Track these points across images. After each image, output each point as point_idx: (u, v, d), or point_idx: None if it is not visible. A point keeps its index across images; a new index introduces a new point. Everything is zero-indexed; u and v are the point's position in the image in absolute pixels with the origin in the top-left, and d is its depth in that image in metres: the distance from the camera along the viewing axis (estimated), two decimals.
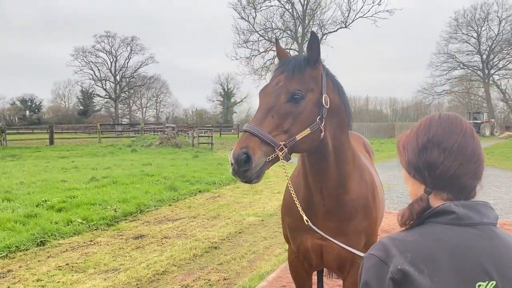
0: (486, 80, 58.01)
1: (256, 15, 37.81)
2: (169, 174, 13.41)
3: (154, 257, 6.06)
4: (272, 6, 37.81)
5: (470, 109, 55.99)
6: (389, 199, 10.75)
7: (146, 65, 73.25)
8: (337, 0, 68.56)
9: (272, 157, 2.05)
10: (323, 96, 2.22)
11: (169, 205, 9.61)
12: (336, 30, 36.91)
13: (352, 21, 36.05)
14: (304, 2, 37.48)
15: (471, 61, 59.01)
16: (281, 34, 38.56)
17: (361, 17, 35.38)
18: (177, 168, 15.69)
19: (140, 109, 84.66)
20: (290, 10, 37.63)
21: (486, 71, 58.03)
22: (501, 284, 1.09)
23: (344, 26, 36.10)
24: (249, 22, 38.14)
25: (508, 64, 58.05)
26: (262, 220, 8.26)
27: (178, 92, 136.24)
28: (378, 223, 2.76)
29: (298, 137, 2.12)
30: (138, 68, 73.94)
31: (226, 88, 77.36)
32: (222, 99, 78.19)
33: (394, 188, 12.47)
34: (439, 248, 1.12)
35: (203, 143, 29.07)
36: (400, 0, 71.36)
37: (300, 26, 37.70)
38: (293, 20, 37.86)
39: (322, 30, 36.98)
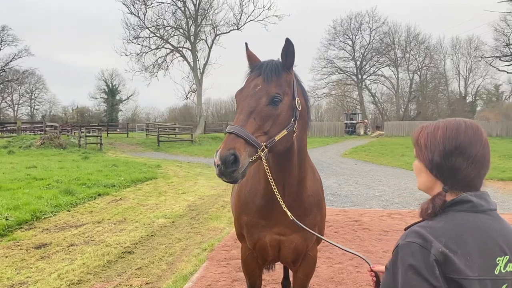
0: (360, 85, 64.00)
1: (146, 11, 36.71)
2: (61, 178, 12.43)
3: (65, 266, 5.65)
4: (163, 3, 37.03)
5: (347, 110, 61.25)
6: None
7: (19, 58, 65.97)
8: (229, 2, 69.74)
9: (254, 157, 2.13)
10: (296, 99, 2.37)
11: (68, 211, 8.96)
12: (229, 32, 37.59)
13: (244, 24, 37.10)
14: (196, 2, 37.36)
15: (347, 66, 64.56)
16: (173, 32, 37.99)
17: (252, 20, 36.61)
18: (67, 170, 14.60)
19: (11, 106, 76.10)
20: (183, 9, 37.22)
21: (360, 76, 64.01)
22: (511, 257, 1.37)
23: (236, 28, 36.93)
24: (140, 18, 36.88)
25: (377, 70, 64.85)
26: (173, 222, 8.17)
27: (56, 88, 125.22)
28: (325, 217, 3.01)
29: (277, 138, 2.24)
30: (10, 61, 66.35)
31: (110, 84, 73.34)
32: (106, 96, 73.92)
33: None
34: (464, 232, 1.33)
35: (91, 143, 27.35)
36: (289, 7, 74.73)
37: (192, 25, 37.51)
38: (185, 19, 37.49)
39: (215, 31, 37.35)
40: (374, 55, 63.43)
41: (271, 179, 2.37)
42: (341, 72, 64.19)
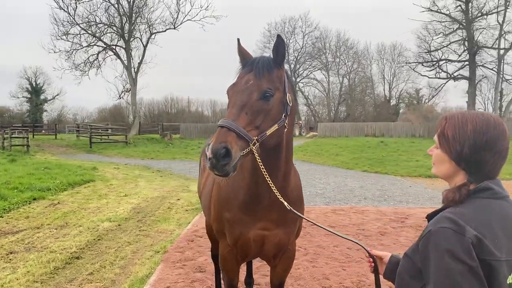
0: (294, 87, 65.74)
1: (77, 7, 34.86)
2: None
3: (7, 275, 5.27)
4: None
5: None
6: None
7: None
8: (166, 1, 68.08)
9: (246, 151, 2.15)
10: (287, 95, 2.42)
11: (1, 217, 8.33)
12: (165, 31, 36.75)
13: (181, 23, 36.51)
14: None
15: None
16: (106, 30, 36.44)
17: (189, 20, 36.12)
18: None
19: None
20: (116, 6, 35.83)
21: (294, 79, 65.72)
22: None
23: (173, 27, 36.26)
24: (69, 14, 34.94)
25: (310, 74, 66.95)
26: (119, 225, 7.90)
27: None
28: None
29: (268, 132, 2.27)
30: None
31: (34, 83, 68.71)
32: (29, 95, 69.15)
33: None
34: (489, 217, 1.42)
35: (16, 145, 25.48)
36: (226, 8, 74.44)
37: (127, 23, 36.27)
38: (119, 16, 36.12)
39: (151, 29, 36.37)
40: (307, 58, 65.40)
41: (265, 172, 2.38)
42: None
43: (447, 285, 1.34)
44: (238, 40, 2.54)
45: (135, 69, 37.56)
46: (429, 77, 46.95)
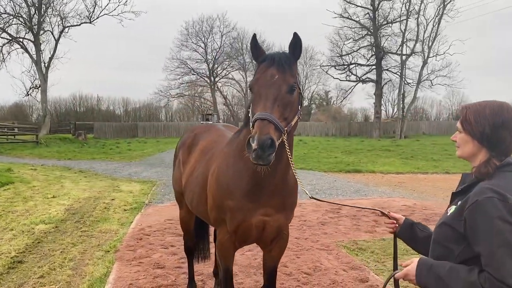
0: (213, 86, 65.72)
1: None
2: None
3: None
4: None
5: (203, 111, 62.32)
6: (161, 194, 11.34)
7: None
8: None
9: (279, 141, 2.31)
10: (300, 88, 2.62)
11: None
12: (80, 24, 34.64)
13: (98, 18, 34.67)
14: None
15: (200, 68, 65.48)
16: (12, 21, 33.37)
17: (107, 14, 34.45)
18: None
19: None
20: None
21: (212, 79, 65.70)
22: None
23: (89, 21, 34.30)
24: None
25: (228, 74, 67.44)
26: (57, 227, 7.51)
27: None
28: None
29: (292, 123, 2.48)
30: None
31: None
32: None
33: (166, 183, 13.19)
34: None
35: None
36: (146, 3, 71.50)
37: (36, 15, 33.58)
38: (27, 7, 33.33)
39: (64, 23, 33.97)
40: (226, 58, 65.72)
41: (292, 160, 2.56)
42: (194, 73, 64.87)
43: (499, 242, 1.63)
44: (254, 35, 2.68)
45: (46, 64, 34.95)
46: (340, 80, 49.82)
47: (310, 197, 2.65)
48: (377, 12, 43.54)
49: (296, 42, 2.59)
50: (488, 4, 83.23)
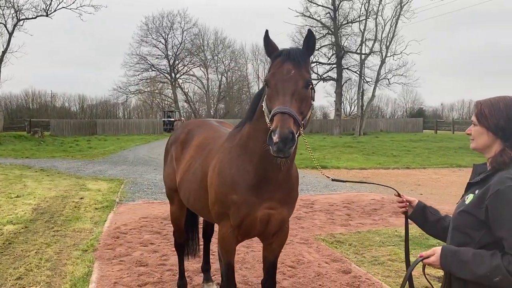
0: (174, 83, 64.80)
1: None
2: None
3: None
4: None
5: (163, 108, 61.31)
6: (131, 192, 11.20)
7: None
8: None
9: (297, 135, 2.37)
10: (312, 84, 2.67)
11: None
12: (36, 18, 33.10)
13: (55, 11, 33.23)
14: None
15: (160, 64, 64.31)
16: None
17: (65, 7, 33.11)
18: None
19: None
20: None
21: (173, 75, 64.76)
22: None
23: (45, 14, 32.86)
24: None
25: (189, 70, 66.71)
26: (26, 227, 7.24)
27: None
28: None
29: (307, 117, 2.55)
30: None
31: None
32: None
33: (134, 181, 12.98)
34: None
35: None
36: None
37: None
38: None
39: (18, 15, 32.35)
40: (187, 55, 64.98)
41: (311, 153, 2.62)
42: (155, 69, 63.72)
43: None
44: (267, 31, 2.69)
45: None
46: None
47: (332, 180, 2.87)
48: (337, 11, 44.40)
49: (309, 39, 2.66)
50: (441, 6, 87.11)
